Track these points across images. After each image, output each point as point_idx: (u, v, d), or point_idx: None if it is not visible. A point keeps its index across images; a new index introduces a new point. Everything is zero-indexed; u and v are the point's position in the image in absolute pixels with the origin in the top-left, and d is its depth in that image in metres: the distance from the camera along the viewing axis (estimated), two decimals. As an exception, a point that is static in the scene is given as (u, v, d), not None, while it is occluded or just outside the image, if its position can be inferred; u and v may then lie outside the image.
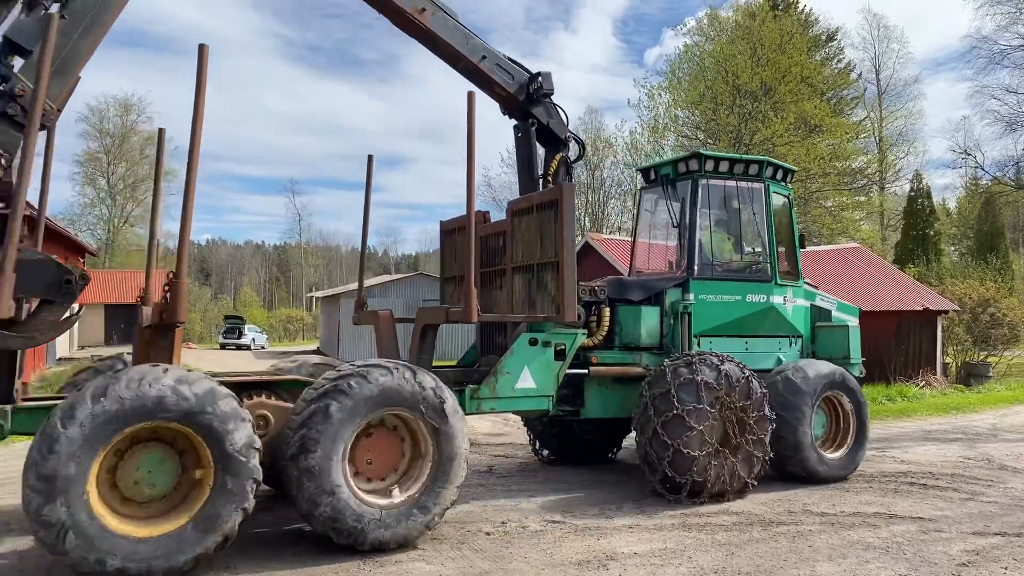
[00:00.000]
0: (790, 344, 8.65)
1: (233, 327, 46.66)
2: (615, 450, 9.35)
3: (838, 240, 31.01)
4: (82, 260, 38.95)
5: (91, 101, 56.13)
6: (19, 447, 8.99)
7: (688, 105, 30.30)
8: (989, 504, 7.01)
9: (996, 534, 5.96)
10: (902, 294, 19.29)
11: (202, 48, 5.25)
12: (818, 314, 9.05)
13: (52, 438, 4.36)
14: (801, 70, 28.49)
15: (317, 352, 42.59)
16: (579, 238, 24.88)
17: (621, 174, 38.41)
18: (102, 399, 4.47)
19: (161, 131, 7.24)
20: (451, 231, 8.74)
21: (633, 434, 7.41)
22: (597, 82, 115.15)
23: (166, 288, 5.19)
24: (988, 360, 20.26)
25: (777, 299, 8.40)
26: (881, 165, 46.70)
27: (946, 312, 19.42)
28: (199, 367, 25.28)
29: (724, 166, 8.39)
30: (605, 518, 6.39)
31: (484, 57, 7.64)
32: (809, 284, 9.20)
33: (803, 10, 46.23)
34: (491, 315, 7.36)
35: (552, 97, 8.08)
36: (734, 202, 8.69)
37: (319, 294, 53.39)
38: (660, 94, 32.21)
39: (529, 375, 6.70)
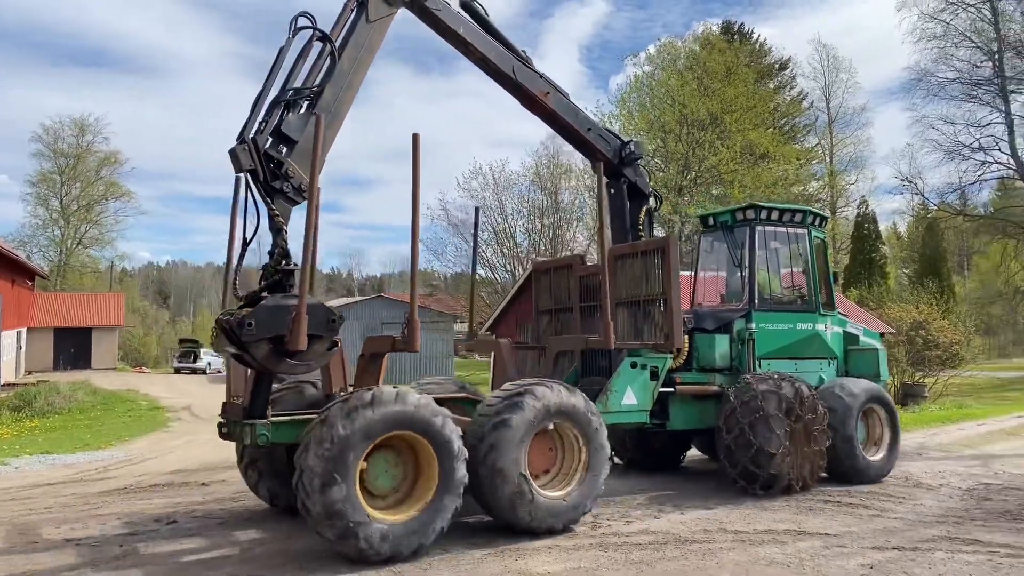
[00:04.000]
0: (829, 364, 10.08)
1: (188, 351, 45.81)
2: (682, 458, 10.91)
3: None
4: (30, 283, 38.11)
5: (45, 120, 55.36)
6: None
7: (638, 133, 31.07)
8: (895, 520, 7.37)
9: (894, 548, 6.28)
10: (842, 317, 19.94)
11: (415, 137, 6.39)
12: (849, 339, 10.41)
13: (330, 444, 5.48)
14: (746, 100, 29.43)
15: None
16: (529, 264, 25.22)
17: (578, 199, 39.03)
18: (369, 410, 5.66)
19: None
20: (546, 271, 10.39)
21: (717, 435, 8.68)
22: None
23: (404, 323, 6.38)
24: (924, 381, 21.01)
25: (820, 327, 9.94)
26: (832, 191, 48.22)
27: (883, 335, 20.13)
28: (148, 393, 24.56)
29: (775, 215, 9.98)
30: (527, 539, 6.56)
31: (590, 129, 9.22)
32: (842, 314, 10.65)
33: (757, 40, 47.92)
34: (632, 343, 8.49)
35: (640, 161, 9.72)
36: (783, 245, 10.24)
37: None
38: (611, 121, 33.00)
39: (632, 393, 8.15)
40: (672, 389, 8.84)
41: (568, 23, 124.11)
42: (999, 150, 33.24)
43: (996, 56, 32.52)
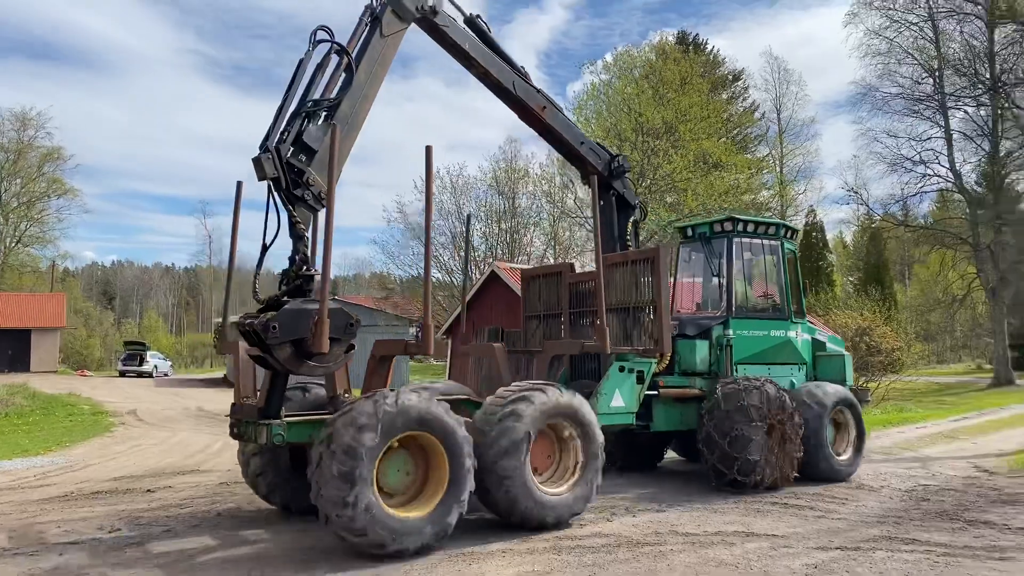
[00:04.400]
0: (799, 369, 10.63)
1: (134, 354, 44.53)
2: (661, 457, 11.47)
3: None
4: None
5: (-15, 114, 53.02)
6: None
7: (595, 140, 31.39)
8: (839, 521, 7.59)
9: (837, 548, 6.47)
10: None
11: (428, 149, 6.69)
12: (817, 346, 11.00)
13: (350, 443, 5.74)
14: (700, 110, 30.01)
15: (224, 378, 41.18)
16: (486, 267, 25.23)
17: (535, 203, 39.22)
18: (387, 411, 5.93)
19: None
20: (534, 277, 10.72)
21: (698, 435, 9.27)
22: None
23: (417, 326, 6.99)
24: (867, 386, 21.68)
25: (791, 334, 10.47)
26: (782, 200, 49.43)
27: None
28: (91, 397, 23.82)
29: (751, 227, 10.49)
30: (481, 544, 6.56)
31: (583, 143, 9.66)
32: (810, 322, 11.13)
33: (711, 51, 48.90)
34: (624, 347, 8.78)
35: (627, 174, 10.18)
36: (758, 255, 10.75)
37: (230, 319, 51.76)
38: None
39: (620, 396, 8.47)
40: (656, 392, 9.22)
41: (528, 29, 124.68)
42: (938, 163, 34.62)
43: (936, 73, 33.84)
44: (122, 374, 43.41)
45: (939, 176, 34.47)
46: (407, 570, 5.77)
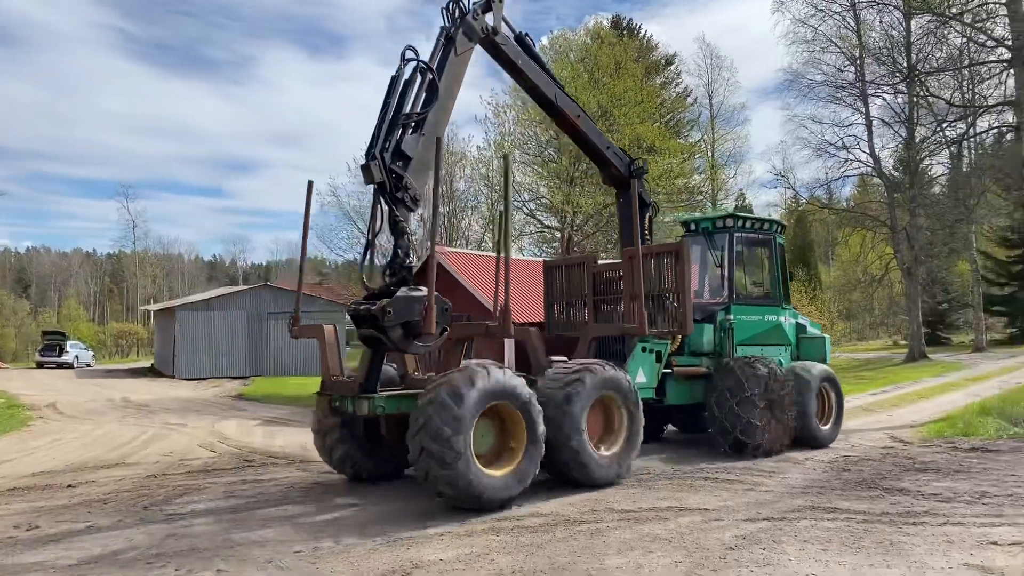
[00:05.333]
0: (786, 350, 11.79)
1: (53, 344, 42.52)
2: (663, 431, 12.43)
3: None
4: None
5: None
6: None
7: (532, 123, 31.36)
8: (766, 493, 7.89)
9: (764, 519, 6.73)
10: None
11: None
12: (800, 329, 12.25)
13: (455, 411, 6.70)
14: (635, 95, 30.31)
15: (151, 368, 39.74)
16: (424, 252, 25.04)
17: (473, 187, 39.04)
18: (482, 383, 6.96)
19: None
20: (556, 267, 11.75)
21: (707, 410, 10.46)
22: (461, 95, 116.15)
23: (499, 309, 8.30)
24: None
25: (781, 318, 11.73)
26: (713, 184, 50.62)
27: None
28: (5, 390, 22.58)
29: (749, 223, 11.66)
30: (420, 528, 6.55)
31: (608, 147, 10.64)
32: (794, 307, 12.36)
33: (644, 36, 49.42)
34: (656, 330, 9.94)
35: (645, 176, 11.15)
36: (755, 248, 11.96)
37: (154, 307, 49.93)
38: (506, 111, 33.20)
39: (643, 373, 9.72)
40: (670, 370, 10.40)
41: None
42: (860, 149, 35.87)
43: (858, 62, 35.11)
44: (40, 365, 41.42)
45: (860, 161, 35.80)
46: (345, 555, 5.71)
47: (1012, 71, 16.97)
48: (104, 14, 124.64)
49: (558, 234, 28.64)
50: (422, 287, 7.35)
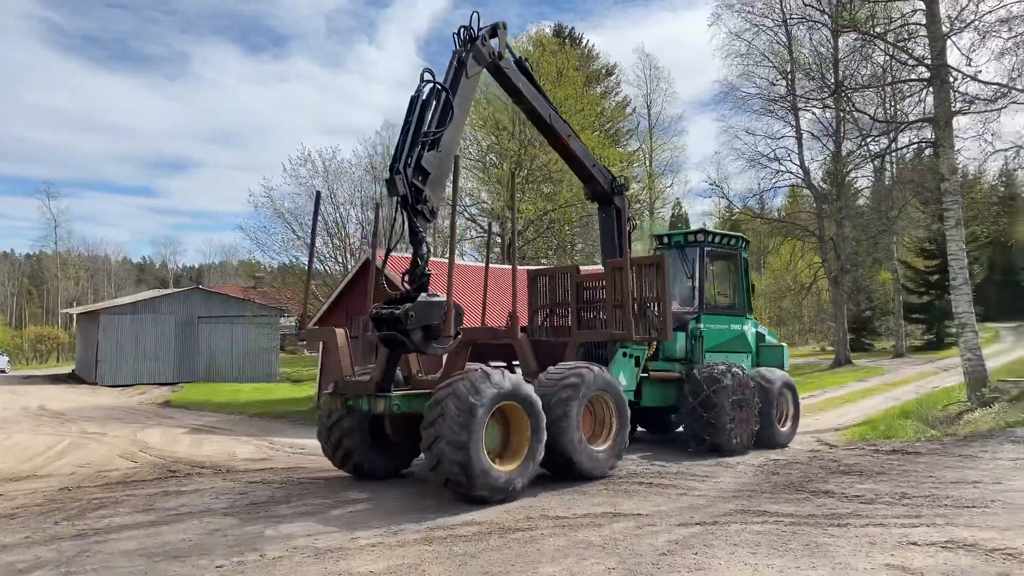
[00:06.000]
0: (747, 357, 12.62)
1: (-35, 349, 40.07)
2: (634, 431, 12.31)
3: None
4: None
5: None
6: None
7: (473, 128, 31.29)
8: (699, 497, 7.98)
9: (697, 524, 6.79)
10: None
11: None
12: (759, 338, 13.09)
13: (470, 408, 7.24)
14: (575, 103, 30.60)
15: (72, 374, 37.88)
16: (361, 255, 24.66)
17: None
18: (493, 385, 7.52)
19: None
20: (540, 275, 12.35)
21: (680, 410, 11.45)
22: (402, 97, 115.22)
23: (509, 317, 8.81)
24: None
25: (744, 327, 12.64)
26: (651, 193, 51.55)
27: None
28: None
29: (718, 238, 12.59)
30: (351, 538, 6.37)
31: (595, 165, 11.30)
32: (754, 317, 13.40)
33: (585, 45, 50.05)
34: (643, 336, 10.60)
35: (627, 192, 11.78)
36: (722, 262, 12.87)
37: (76, 310, 47.71)
38: (446, 116, 32.95)
39: (623, 376, 10.30)
40: (647, 374, 11.11)
41: (406, 14, 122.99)
42: (790, 160, 37.13)
43: (789, 76, 36.34)
44: (-51, 371, 38.96)
45: (791, 172, 37.03)
46: (270, 569, 5.49)
47: (931, 89, 17.79)
48: (31, 4, 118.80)
49: (498, 239, 28.63)
50: (439, 293, 7.96)
